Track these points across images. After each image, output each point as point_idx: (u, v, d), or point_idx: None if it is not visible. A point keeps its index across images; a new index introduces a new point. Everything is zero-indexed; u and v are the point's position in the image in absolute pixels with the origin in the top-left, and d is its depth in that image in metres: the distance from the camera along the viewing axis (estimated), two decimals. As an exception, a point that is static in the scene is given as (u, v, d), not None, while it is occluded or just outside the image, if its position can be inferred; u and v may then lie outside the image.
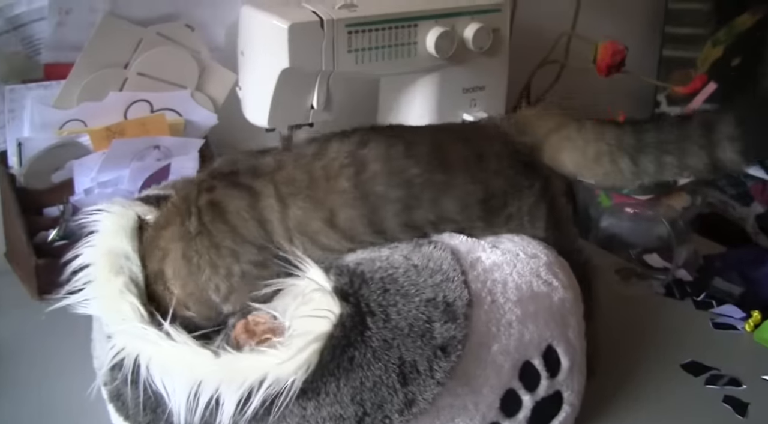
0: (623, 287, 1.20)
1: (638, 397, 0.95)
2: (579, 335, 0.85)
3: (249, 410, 0.70)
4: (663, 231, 1.24)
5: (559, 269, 0.86)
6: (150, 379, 0.75)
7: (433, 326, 0.74)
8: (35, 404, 0.93)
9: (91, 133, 1.21)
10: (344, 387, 0.72)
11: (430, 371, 0.73)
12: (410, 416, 0.73)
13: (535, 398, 0.81)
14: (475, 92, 1.38)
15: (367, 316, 0.73)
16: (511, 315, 0.79)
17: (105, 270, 0.84)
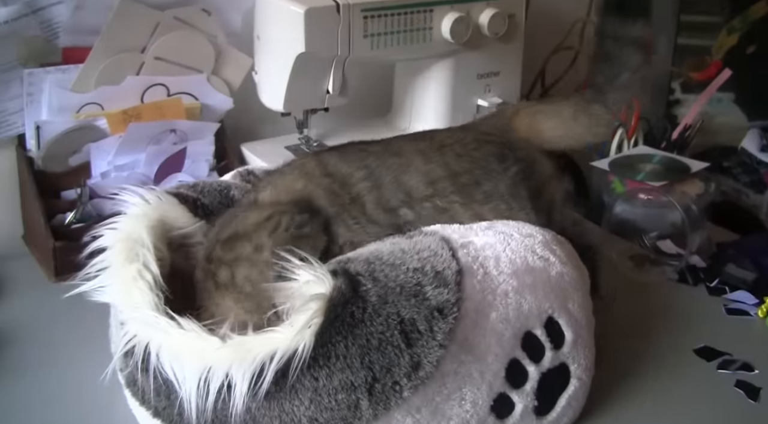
0: (637, 273, 1.20)
1: (651, 381, 0.95)
2: (582, 310, 0.85)
3: (264, 384, 0.71)
4: (676, 217, 1.24)
5: (556, 246, 0.87)
6: (160, 366, 0.76)
7: (425, 289, 0.76)
8: (52, 386, 0.94)
9: (108, 117, 1.22)
10: (352, 347, 0.73)
11: (431, 332, 0.74)
12: (418, 380, 0.74)
13: (540, 369, 0.81)
14: (489, 78, 1.38)
15: (359, 277, 0.75)
16: (507, 286, 0.80)
17: (121, 256, 0.85)
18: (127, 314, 0.81)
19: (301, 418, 0.73)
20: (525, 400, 0.81)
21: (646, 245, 1.26)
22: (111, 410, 0.89)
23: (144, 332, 0.78)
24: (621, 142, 1.52)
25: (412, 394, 0.74)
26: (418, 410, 0.75)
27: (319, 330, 0.72)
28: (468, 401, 0.78)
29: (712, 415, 0.91)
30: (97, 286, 0.84)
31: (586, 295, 0.87)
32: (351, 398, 0.73)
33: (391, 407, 0.74)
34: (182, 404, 0.75)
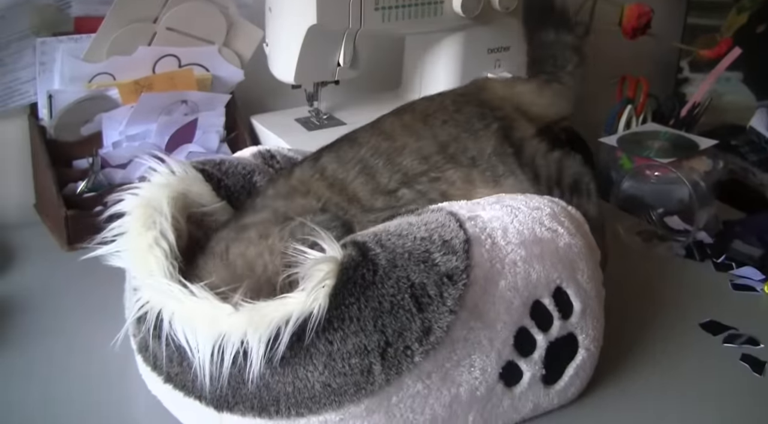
0: (644, 248, 1.21)
1: (657, 354, 0.96)
2: (591, 281, 0.86)
3: (280, 347, 0.72)
4: (684, 194, 1.25)
5: (565, 218, 0.87)
6: (173, 334, 0.76)
7: (433, 256, 0.76)
8: (64, 353, 0.95)
9: (120, 87, 1.22)
10: (365, 309, 0.73)
11: (441, 297, 0.75)
12: (429, 345, 0.75)
13: (548, 338, 0.82)
14: (499, 52, 1.38)
15: (367, 244, 0.76)
16: (515, 255, 0.81)
17: (138, 223, 0.85)
18: (141, 281, 0.81)
19: (315, 383, 0.74)
20: (533, 368, 0.82)
21: (653, 220, 1.27)
22: (122, 377, 0.90)
23: (157, 299, 0.79)
24: (629, 119, 1.53)
25: (423, 359, 0.75)
26: (429, 376, 0.76)
27: (332, 292, 0.73)
28: (477, 368, 0.79)
29: (718, 388, 0.92)
30: (113, 250, 0.85)
31: (595, 266, 0.88)
32: (364, 362, 0.73)
33: (402, 372, 0.75)
34: (195, 371, 0.75)
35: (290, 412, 0.75)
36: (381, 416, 0.76)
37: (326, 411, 0.75)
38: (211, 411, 0.77)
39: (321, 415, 0.75)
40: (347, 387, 0.74)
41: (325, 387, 0.74)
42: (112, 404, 0.88)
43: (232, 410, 0.76)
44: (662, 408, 0.88)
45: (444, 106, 0.96)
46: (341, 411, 0.75)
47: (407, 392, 0.76)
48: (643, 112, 1.54)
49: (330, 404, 0.74)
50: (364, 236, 0.78)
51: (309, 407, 0.74)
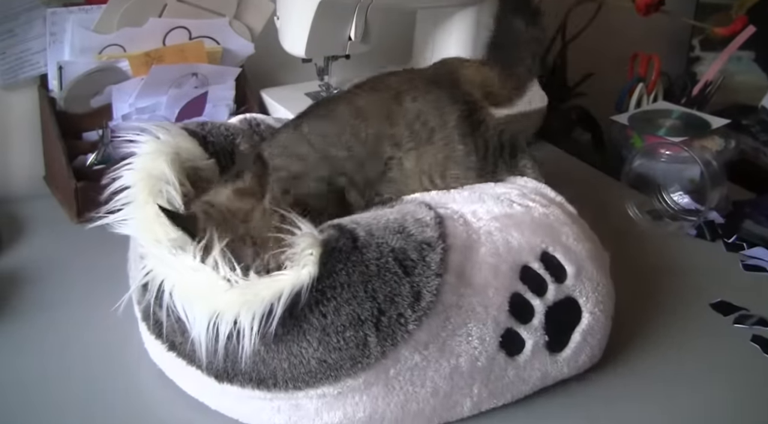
0: (655, 227, 1.20)
1: (668, 333, 0.96)
2: (580, 243, 0.86)
3: (272, 324, 0.72)
4: (695, 173, 1.25)
5: (535, 195, 0.90)
6: (173, 305, 0.77)
7: (407, 227, 0.78)
8: (71, 323, 0.95)
9: (131, 59, 1.21)
10: (353, 273, 0.74)
11: (424, 261, 0.76)
12: (421, 311, 0.75)
13: (545, 303, 0.82)
14: (512, 29, 1.37)
15: (342, 223, 0.78)
16: (489, 227, 0.83)
17: (144, 192, 0.85)
18: (147, 249, 0.81)
19: (310, 360, 0.74)
20: (534, 335, 0.82)
21: (664, 199, 1.26)
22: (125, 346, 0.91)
23: (160, 269, 0.79)
24: (641, 97, 1.52)
25: (417, 327, 0.75)
26: (426, 347, 0.77)
27: (320, 260, 0.73)
28: (475, 337, 0.79)
29: (728, 368, 0.92)
30: (120, 219, 0.85)
31: (582, 229, 0.89)
32: (359, 334, 0.74)
33: (398, 342, 0.75)
34: (191, 344, 0.76)
35: (287, 385, 0.75)
36: (380, 389, 0.76)
37: (323, 385, 0.75)
38: (212, 381, 0.78)
39: (318, 388, 0.75)
40: (343, 362, 0.74)
41: (321, 363, 0.74)
42: (115, 372, 0.88)
43: (232, 382, 0.77)
44: (673, 387, 0.88)
45: (415, 86, 0.97)
46: (339, 385, 0.75)
47: (405, 364, 0.76)
48: (655, 91, 1.54)
49: (326, 378, 0.75)
50: (338, 221, 0.79)
51: (306, 381, 0.75)
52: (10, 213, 1.18)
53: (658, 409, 0.86)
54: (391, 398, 0.77)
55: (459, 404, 0.80)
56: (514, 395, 0.83)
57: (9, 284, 1.01)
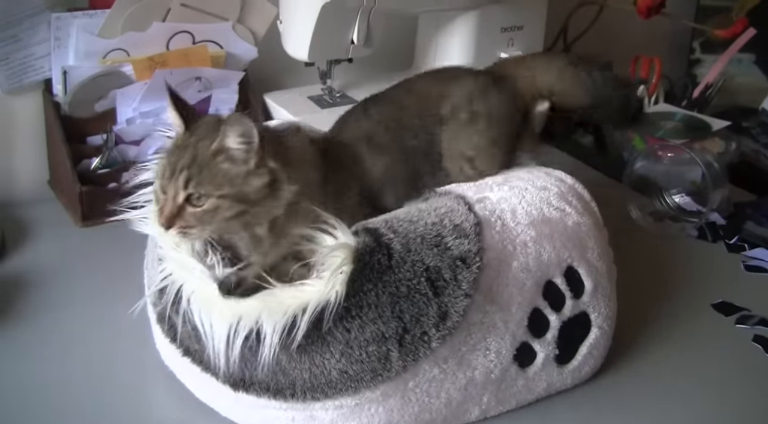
0: (657, 229, 1.21)
1: (670, 334, 0.97)
2: (602, 259, 0.86)
3: (297, 337, 0.72)
4: (697, 174, 1.25)
5: (572, 197, 0.88)
6: (190, 312, 0.77)
7: (445, 240, 0.77)
8: (75, 328, 0.96)
9: (134, 63, 1.22)
10: (383, 295, 0.74)
11: (456, 280, 0.76)
12: (445, 330, 0.75)
13: (561, 318, 0.83)
14: (513, 32, 1.38)
15: (381, 230, 0.76)
16: (525, 236, 0.81)
17: None
18: (167, 252, 0.82)
19: (331, 370, 0.74)
20: (546, 349, 0.82)
21: (666, 201, 1.27)
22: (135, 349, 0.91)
23: (179, 274, 0.79)
24: (642, 100, 1.52)
25: (440, 345, 0.75)
26: (445, 361, 0.77)
27: (349, 278, 0.73)
28: (492, 351, 0.79)
29: (730, 368, 0.92)
30: (142, 216, 0.85)
31: (605, 244, 0.88)
32: (382, 349, 0.74)
33: (419, 358, 0.75)
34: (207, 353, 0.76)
35: (306, 396, 0.75)
36: (397, 401, 0.77)
37: (342, 396, 0.75)
38: (227, 389, 0.78)
39: (337, 400, 0.75)
40: (364, 374, 0.74)
41: (342, 374, 0.74)
42: (120, 376, 0.89)
43: (248, 391, 0.77)
44: (675, 387, 0.89)
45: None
46: (357, 396, 0.75)
47: (424, 377, 0.76)
48: (656, 93, 1.54)
49: (346, 390, 0.74)
50: (375, 222, 0.78)
51: (325, 392, 0.75)
52: (15, 217, 1.19)
53: (660, 409, 0.86)
54: (406, 409, 0.77)
55: (468, 412, 0.81)
56: (519, 402, 0.84)
57: (14, 288, 1.02)
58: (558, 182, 0.89)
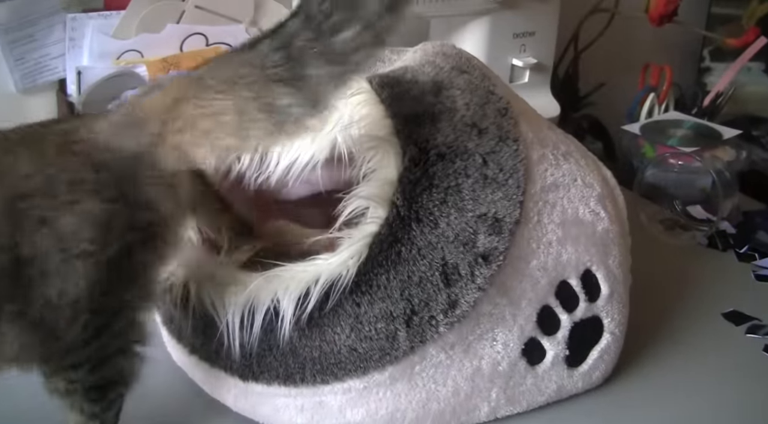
0: (667, 237, 1.21)
1: (679, 342, 0.97)
2: (621, 266, 0.86)
3: (309, 305, 0.72)
4: (707, 183, 1.25)
5: (609, 203, 0.87)
6: (200, 303, 0.77)
7: (478, 238, 0.76)
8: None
9: (148, 65, 1.22)
10: (393, 280, 0.73)
11: (472, 276, 0.75)
12: (453, 318, 0.75)
13: (573, 318, 0.82)
14: (525, 38, 1.38)
15: (413, 222, 0.75)
16: (552, 235, 0.81)
17: None
18: None
19: (341, 348, 0.74)
20: (556, 348, 0.82)
21: (676, 209, 1.27)
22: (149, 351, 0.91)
23: (183, 268, 0.79)
24: (652, 107, 1.53)
25: (447, 330, 0.75)
26: (452, 347, 0.77)
27: (362, 262, 0.73)
28: (499, 342, 0.79)
29: (740, 378, 0.92)
30: None
31: (626, 252, 0.88)
32: (390, 327, 0.74)
33: (426, 340, 0.75)
34: (220, 340, 0.76)
35: (315, 379, 0.75)
36: (404, 385, 0.77)
37: (351, 378, 0.75)
38: (237, 381, 0.78)
39: (345, 382, 0.75)
40: (372, 352, 0.74)
41: (351, 352, 0.74)
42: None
43: (258, 380, 0.77)
44: (684, 397, 0.89)
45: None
46: (365, 378, 0.75)
47: (430, 361, 0.76)
48: (666, 101, 1.54)
49: (355, 370, 0.75)
50: (427, 203, 0.75)
51: (334, 374, 0.75)
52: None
53: (669, 419, 0.86)
54: (413, 395, 0.77)
55: (477, 407, 0.81)
56: (529, 404, 0.84)
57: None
58: (602, 182, 0.87)
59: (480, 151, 0.78)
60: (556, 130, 0.90)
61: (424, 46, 0.90)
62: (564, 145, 0.87)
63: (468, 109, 0.81)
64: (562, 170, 0.84)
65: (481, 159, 0.78)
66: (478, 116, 0.80)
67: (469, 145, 0.78)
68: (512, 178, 0.79)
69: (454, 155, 0.77)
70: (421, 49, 0.89)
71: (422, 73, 0.83)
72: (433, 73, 0.83)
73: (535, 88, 1.38)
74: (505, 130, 0.81)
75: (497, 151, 0.79)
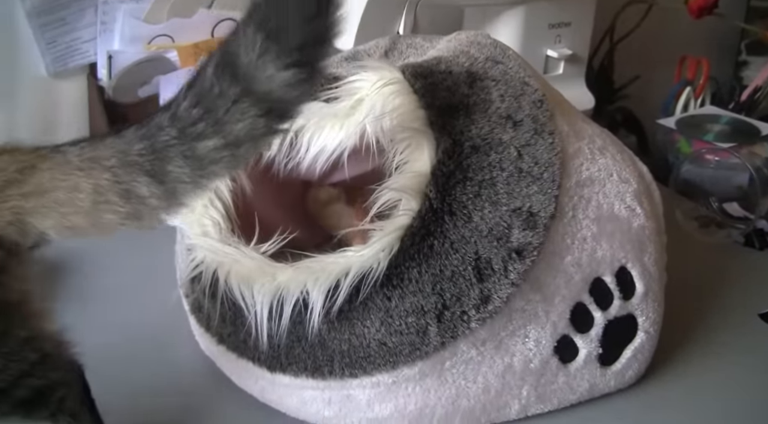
0: (702, 235, 1.19)
1: (714, 343, 0.95)
2: (657, 264, 0.85)
3: (339, 298, 0.71)
4: (744, 180, 1.23)
5: (645, 199, 0.85)
6: (228, 292, 0.76)
7: (512, 232, 0.75)
8: (118, 312, 0.96)
9: (179, 50, 1.22)
10: (425, 273, 0.72)
11: (505, 271, 0.74)
12: (486, 314, 0.74)
13: (607, 316, 0.81)
14: (560, 28, 1.36)
15: (446, 215, 0.74)
16: (587, 231, 0.79)
17: None
18: (196, 240, 0.81)
19: (371, 342, 0.73)
20: (589, 346, 0.81)
21: (712, 206, 1.24)
22: (176, 336, 0.91)
23: (211, 258, 0.79)
24: (687, 101, 1.50)
25: (479, 326, 0.74)
26: (483, 343, 0.76)
27: (394, 254, 0.72)
28: (531, 339, 0.78)
29: (777, 380, 0.90)
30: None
31: (662, 249, 0.86)
32: (420, 322, 0.73)
33: (458, 336, 0.74)
34: (249, 330, 0.75)
35: (344, 372, 0.74)
36: (433, 381, 0.76)
37: (380, 372, 0.74)
38: (264, 372, 0.78)
39: (374, 376, 0.74)
40: (402, 347, 0.73)
41: (381, 346, 0.73)
42: (162, 363, 0.89)
43: (285, 371, 0.76)
44: (719, 398, 0.87)
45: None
46: (395, 373, 0.74)
47: (461, 357, 0.75)
48: (702, 95, 1.51)
49: (384, 364, 0.74)
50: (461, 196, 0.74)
51: (363, 367, 0.74)
52: (57, 200, 1.19)
53: (703, 421, 0.84)
54: (443, 391, 0.76)
55: (507, 405, 0.80)
56: (560, 402, 0.82)
57: (56, 273, 1.02)
58: (639, 178, 0.86)
59: (515, 144, 0.77)
60: (591, 123, 0.89)
61: (457, 36, 0.88)
62: (600, 138, 0.85)
63: (503, 100, 0.79)
64: (598, 165, 0.82)
65: (516, 152, 0.77)
66: (513, 108, 0.79)
67: (503, 138, 0.77)
68: (547, 171, 0.77)
69: (488, 148, 0.76)
70: (455, 39, 0.88)
71: (456, 64, 0.82)
72: (468, 64, 0.82)
73: (569, 80, 1.36)
74: (541, 122, 0.79)
75: (532, 144, 0.78)
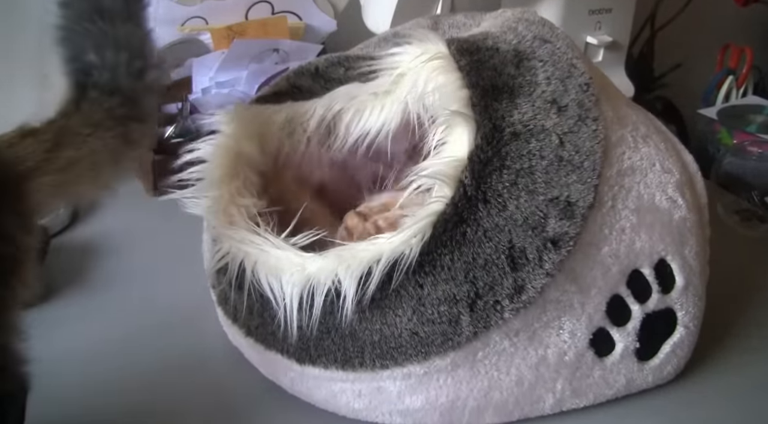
0: (743, 229, 1.16)
1: (754, 338, 0.92)
2: (698, 257, 0.82)
3: (371, 286, 0.70)
4: (788, 173, 1.20)
5: (688, 190, 0.82)
6: (256, 283, 0.75)
7: (548, 222, 0.72)
8: (145, 300, 0.95)
9: (213, 32, 1.21)
10: (458, 261, 0.71)
11: (539, 260, 0.72)
12: (519, 304, 0.72)
13: (645, 309, 0.79)
14: (601, 14, 1.33)
15: (479, 203, 0.72)
16: (626, 222, 0.77)
17: (219, 171, 0.83)
18: (221, 231, 0.80)
19: (402, 331, 0.71)
20: (626, 340, 0.78)
21: (754, 200, 1.21)
22: (203, 326, 0.89)
23: (237, 248, 0.77)
24: (729, 91, 1.47)
25: (512, 316, 0.72)
26: (516, 334, 0.74)
27: (426, 241, 0.70)
28: (566, 331, 0.76)
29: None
30: (190, 196, 0.82)
31: (704, 242, 0.84)
32: (453, 311, 0.71)
33: (490, 326, 0.72)
34: (278, 322, 0.74)
35: (375, 364, 0.73)
36: (465, 372, 0.74)
37: (411, 363, 0.72)
38: (293, 364, 0.76)
39: (406, 367, 0.73)
40: (434, 337, 0.71)
41: (413, 336, 0.71)
42: (189, 350, 0.88)
43: (315, 363, 0.75)
44: (760, 396, 0.85)
45: None
46: (426, 364, 0.72)
47: (493, 348, 0.73)
48: (745, 84, 1.48)
49: (416, 355, 0.72)
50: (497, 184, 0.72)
51: (394, 358, 0.72)
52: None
53: (742, 419, 0.82)
54: (475, 383, 0.74)
55: (541, 399, 0.78)
56: (596, 397, 0.80)
57: (83, 256, 1.02)
58: (682, 168, 0.83)
59: (557, 131, 0.75)
60: (636, 108, 0.86)
61: (503, 13, 0.86)
62: (644, 126, 0.82)
63: (549, 84, 0.77)
64: (641, 154, 0.80)
65: (558, 139, 0.74)
66: (559, 92, 0.77)
67: (546, 124, 0.75)
68: (588, 160, 0.75)
69: (529, 135, 0.74)
70: (501, 16, 0.86)
71: (503, 41, 0.79)
72: (515, 42, 0.79)
73: (608, 67, 1.33)
74: (586, 108, 0.77)
75: (575, 132, 0.75)
